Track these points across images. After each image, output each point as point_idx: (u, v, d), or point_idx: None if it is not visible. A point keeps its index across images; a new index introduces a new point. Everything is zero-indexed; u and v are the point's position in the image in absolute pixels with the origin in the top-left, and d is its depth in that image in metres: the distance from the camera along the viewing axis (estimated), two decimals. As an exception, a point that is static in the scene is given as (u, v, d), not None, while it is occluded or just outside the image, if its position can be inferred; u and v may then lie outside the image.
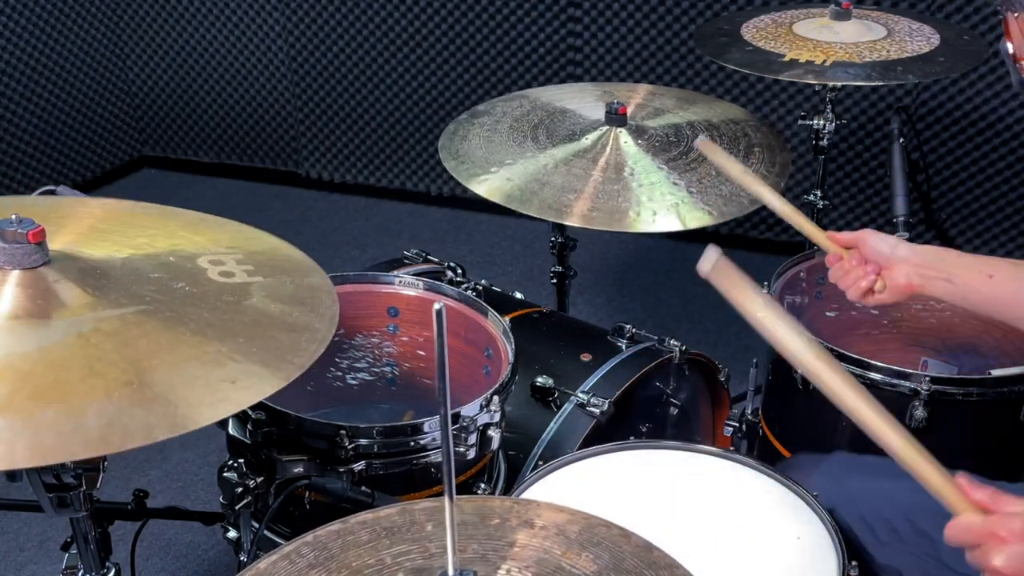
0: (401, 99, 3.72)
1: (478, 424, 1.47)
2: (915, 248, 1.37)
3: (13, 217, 1.16)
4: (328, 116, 3.86)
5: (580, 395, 1.75)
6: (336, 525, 0.95)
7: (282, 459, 1.42)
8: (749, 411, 1.95)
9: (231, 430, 1.50)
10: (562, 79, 3.46)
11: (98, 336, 1.11)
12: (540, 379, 1.77)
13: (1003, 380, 1.64)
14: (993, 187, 3.14)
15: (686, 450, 1.48)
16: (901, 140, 2.21)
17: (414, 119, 3.75)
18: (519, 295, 2.11)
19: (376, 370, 1.87)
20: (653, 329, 1.94)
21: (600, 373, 1.80)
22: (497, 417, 1.49)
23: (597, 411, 1.72)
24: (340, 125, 3.87)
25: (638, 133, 1.92)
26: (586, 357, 1.84)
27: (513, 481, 1.69)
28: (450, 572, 0.85)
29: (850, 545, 1.33)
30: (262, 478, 1.42)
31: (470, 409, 1.46)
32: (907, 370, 1.65)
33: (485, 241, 3.60)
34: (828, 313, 2.01)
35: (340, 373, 1.86)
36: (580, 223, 1.74)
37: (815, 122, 2.20)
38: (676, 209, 1.75)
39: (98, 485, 1.25)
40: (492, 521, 0.96)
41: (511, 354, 1.59)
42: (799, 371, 1.36)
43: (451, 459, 0.82)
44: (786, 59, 2.00)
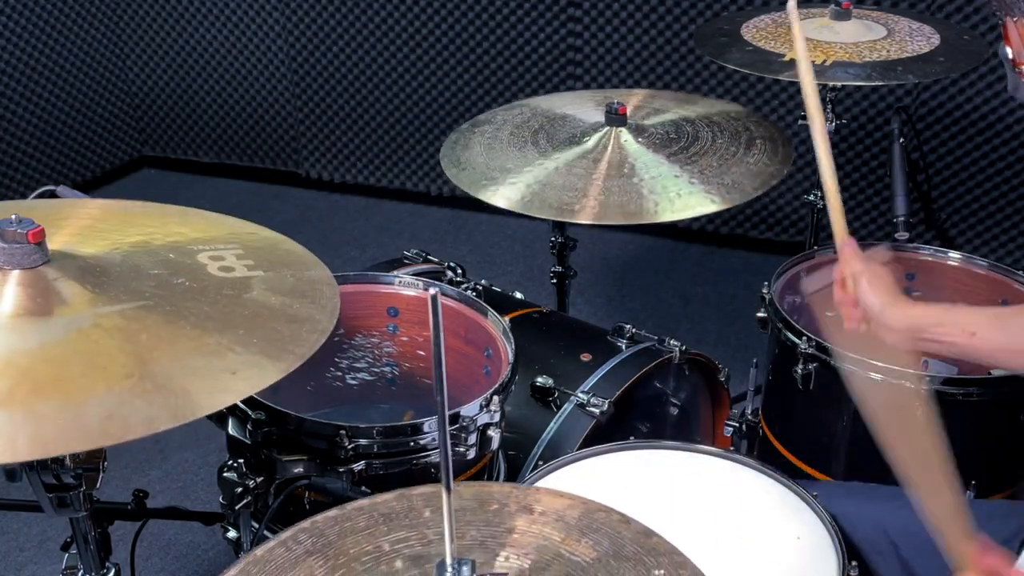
0: (401, 99, 3.72)
1: (478, 424, 1.46)
2: (897, 315, 1.35)
3: (13, 217, 1.16)
4: (328, 116, 3.86)
5: (580, 395, 1.75)
6: (334, 512, 0.94)
7: (282, 459, 1.42)
8: (749, 411, 1.95)
9: (231, 430, 1.50)
10: (562, 79, 3.46)
11: (98, 332, 1.11)
12: (540, 379, 1.77)
13: (1003, 380, 1.64)
14: (993, 187, 3.14)
15: (686, 450, 1.48)
16: (901, 140, 2.21)
17: (414, 119, 3.74)
18: (519, 295, 2.11)
19: (376, 370, 1.87)
20: (653, 329, 1.94)
21: (600, 373, 1.80)
22: (497, 417, 1.49)
23: (597, 411, 1.72)
24: (340, 125, 3.87)
25: (638, 132, 1.92)
26: (586, 357, 1.84)
27: (513, 481, 1.69)
28: (448, 562, 0.84)
29: (850, 544, 1.33)
30: (262, 478, 1.42)
31: (470, 409, 1.46)
32: (907, 370, 1.65)
33: (485, 241, 3.60)
34: (828, 313, 2.01)
35: (340, 373, 1.86)
36: (589, 220, 1.73)
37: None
38: (681, 198, 1.75)
39: (98, 485, 1.25)
40: (491, 507, 0.95)
41: (511, 354, 1.59)
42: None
43: (448, 450, 0.81)
44: (786, 59, 1.99)
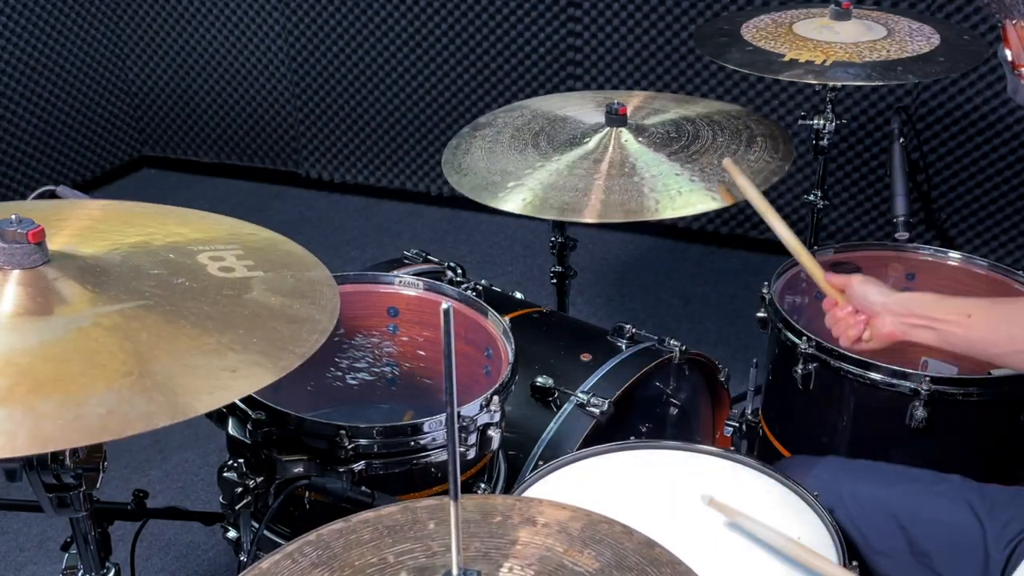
0: (401, 99, 3.72)
1: (478, 424, 1.46)
2: (898, 297, 1.43)
3: (13, 217, 1.16)
4: (328, 116, 3.86)
5: (580, 395, 1.75)
6: (339, 524, 0.95)
7: (282, 459, 1.42)
8: (749, 411, 1.95)
9: (231, 430, 1.50)
10: (562, 79, 3.46)
11: (98, 330, 1.11)
12: (540, 379, 1.77)
13: (1003, 380, 1.64)
14: (993, 187, 3.14)
15: (686, 450, 1.48)
16: (901, 140, 2.21)
17: (414, 119, 3.75)
18: (519, 295, 2.11)
19: (376, 370, 1.87)
20: (653, 329, 1.94)
21: (600, 373, 1.80)
22: (497, 417, 1.49)
23: (597, 411, 1.72)
24: (340, 125, 3.87)
25: (639, 131, 1.92)
26: (586, 357, 1.84)
27: (513, 481, 1.69)
28: (454, 573, 0.85)
29: (850, 545, 1.33)
30: (262, 478, 1.42)
31: (470, 409, 1.46)
32: (907, 370, 1.65)
33: (485, 241, 3.60)
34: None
35: (340, 373, 1.86)
36: (592, 219, 1.73)
37: (815, 122, 2.20)
38: (682, 196, 1.75)
39: (98, 485, 1.25)
40: (494, 519, 0.95)
41: (511, 354, 1.59)
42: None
43: (456, 459, 0.82)
44: (786, 59, 1.99)
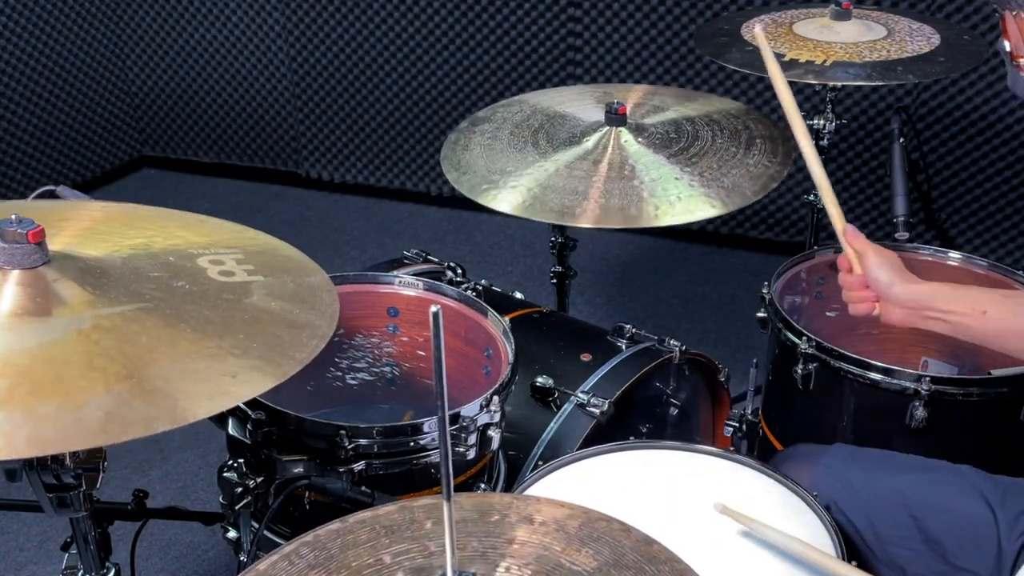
0: (401, 99, 3.72)
1: (478, 424, 1.46)
2: (908, 289, 1.36)
3: (13, 217, 1.16)
4: (328, 116, 3.86)
5: (580, 395, 1.75)
6: (335, 524, 0.95)
7: (282, 459, 1.42)
8: (749, 411, 1.95)
9: (231, 430, 1.50)
10: (562, 79, 3.46)
11: (98, 333, 1.11)
12: (540, 379, 1.77)
13: (1003, 380, 1.64)
14: (993, 187, 3.14)
15: (686, 450, 1.48)
16: (901, 140, 2.21)
17: (414, 119, 3.74)
18: (519, 295, 2.11)
19: (376, 370, 1.87)
20: (653, 329, 1.94)
21: (600, 373, 1.80)
22: (497, 417, 1.49)
23: (597, 411, 1.72)
24: (340, 125, 3.87)
25: (638, 131, 1.92)
26: (586, 357, 1.84)
27: (513, 481, 1.69)
28: (448, 574, 0.84)
29: (850, 545, 1.33)
30: (262, 478, 1.42)
31: (470, 409, 1.46)
32: (907, 370, 1.66)
33: (485, 241, 3.60)
34: (828, 313, 2.01)
35: (340, 373, 1.86)
36: (590, 224, 1.73)
37: (815, 122, 2.20)
38: (679, 203, 1.75)
39: (98, 485, 1.25)
40: (492, 517, 0.95)
41: (511, 354, 1.59)
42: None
43: (449, 462, 0.81)
44: (786, 59, 1.99)
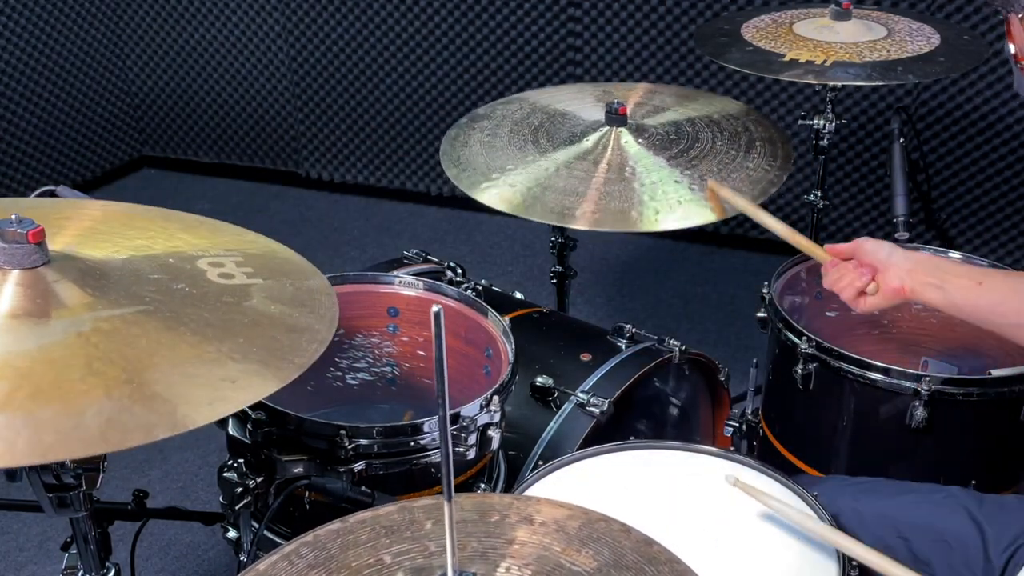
0: (401, 99, 3.72)
1: (478, 424, 1.46)
2: (910, 254, 1.40)
3: (13, 217, 1.16)
4: (328, 116, 3.86)
5: (580, 395, 1.75)
6: (335, 524, 0.95)
7: (282, 459, 1.42)
8: (749, 411, 1.95)
9: (231, 430, 1.50)
10: (562, 79, 3.46)
11: (97, 335, 1.11)
12: (540, 379, 1.77)
13: (1003, 380, 1.64)
14: (993, 187, 3.14)
15: (686, 450, 1.48)
16: (901, 140, 2.21)
17: (414, 119, 3.74)
18: (519, 295, 2.11)
19: (376, 370, 1.87)
20: (653, 329, 1.94)
21: (600, 373, 1.80)
22: (497, 417, 1.49)
23: (597, 411, 1.72)
24: (340, 125, 3.87)
25: (638, 132, 1.91)
26: (586, 357, 1.84)
27: (513, 481, 1.69)
28: (449, 574, 0.84)
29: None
30: (262, 478, 1.42)
31: (470, 409, 1.46)
32: (907, 370, 1.66)
33: (485, 241, 3.60)
34: (828, 313, 2.01)
35: (340, 373, 1.86)
36: (586, 226, 1.73)
37: (815, 122, 2.20)
38: (680, 207, 1.75)
39: (98, 485, 1.25)
40: (492, 518, 0.95)
41: (511, 354, 1.59)
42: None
43: (450, 461, 0.82)
44: (786, 59, 1.99)
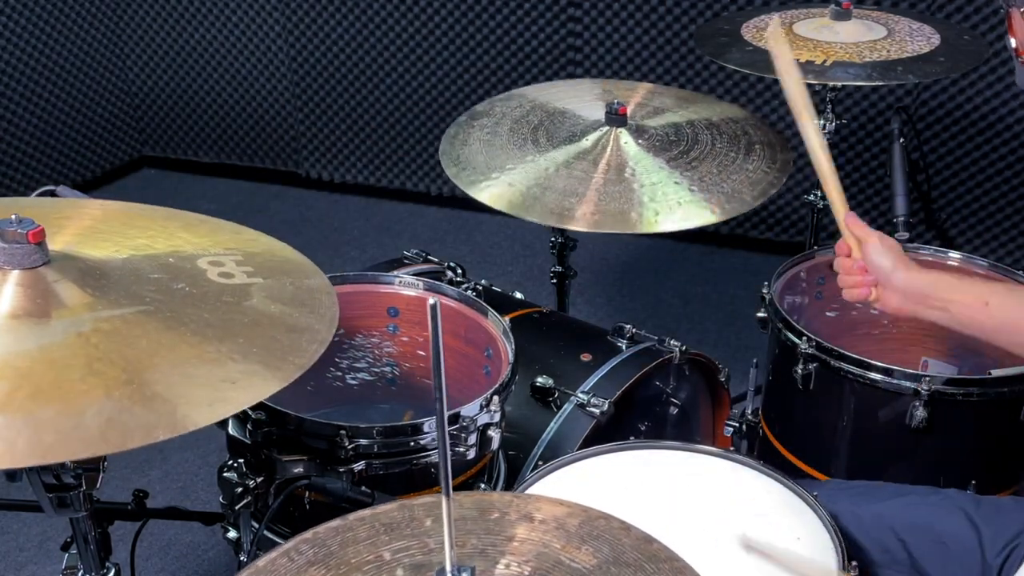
0: (401, 99, 3.72)
1: (478, 424, 1.46)
2: (911, 276, 1.36)
3: (13, 217, 1.16)
4: (328, 116, 3.86)
5: (580, 395, 1.75)
6: (335, 522, 0.95)
7: (282, 459, 1.42)
8: (749, 411, 1.95)
9: (231, 430, 1.50)
10: (563, 79, 3.46)
11: (98, 336, 1.11)
12: (540, 379, 1.77)
13: (1003, 380, 1.64)
14: (993, 187, 3.14)
15: (686, 450, 1.48)
16: (901, 140, 2.21)
17: (414, 119, 3.74)
18: (519, 295, 2.11)
19: (376, 370, 1.87)
20: (653, 329, 1.94)
21: (600, 373, 1.80)
22: (497, 417, 1.49)
23: (597, 411, 1.72)
24: (340, 125, 3.87)
25: (638, 133, 1.91)
26: (586, 357, 1.84)
27: (513, 481, 1.69)
28: (447, 569, 0.84)
29: (853, 545, 1.33)
30: (262, 478, 1.42)
31: (470, 409, 1.46)
32: (907, 370, 1.66)
33: (485, 241, 3.60)
34: (828, 313, 2.01)
35: (340, 373, 1.86)
36: (584, 227, 1.73)
37: (815, 122, 2.20)
38: (679, 208, 1.75)
39: (98, 485, 1.25)
40: (491, 515, 0.95)
41: (511, 354, 1.59)
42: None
43: (447, 454, 0.81)
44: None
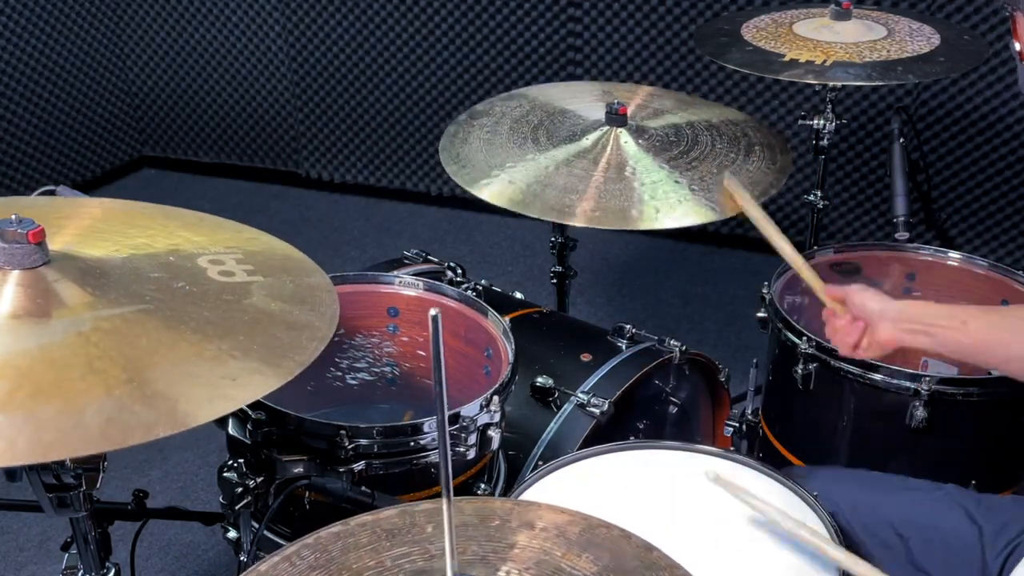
0: (401, 99, 3.72)
1: (478, 424, 1.46)
2: (897, 306, 1.43)
3: (13, 217, 1.16)
4: (328, 116, 3.86)
5: (580, 395, 1.75)
6: (337, 527, 0.95)
7: (282, 459, 1.42)
8: (749, 411, 1.95)
9: (231, 430, 1.50)
10: (562, 79, 3.46)
11: (98, 335, 1.11)
12: (540, 379, 1.77)
13: (1003, 380, 1.64)
14: (993, 187, 3.14)
15: (686, 450, 1.48)
16: (901, 140, 2.20)
17: (414, 119, 3.75)
18: (519, 295, 2.11)
19: (376, 370, 1.87)
20: (653, 329, 1.94)
21: (600, 373, 1.80)
22: (497, 417, 1.49)
23: (597, 411, 1.72)
24: (340, 125, 3.87)
25: (638, 133, 1.91)
26: (586, 357, 1.84)
27: (513, 481, 1.69)
28: (448, 574, 0.85)
29: (850, 544, 1.33)
30: (262, 478, 1.42)
31: (470, 409, 1.46)
32: (907, 370, 1.66)
33: (485, 241, 3.60)
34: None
35: (340, 373, 1.86)
36: (584, 223, 1.73)
37: (815, 122, 2.20)
38: (679, 207, 1.75)
39: (98, 485, 1.25)
40: (492, 522, 0.96)
41: (511, 354, 1.59)
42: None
43: (448, 463, 0.82)
44: (786, 59, 1.99)
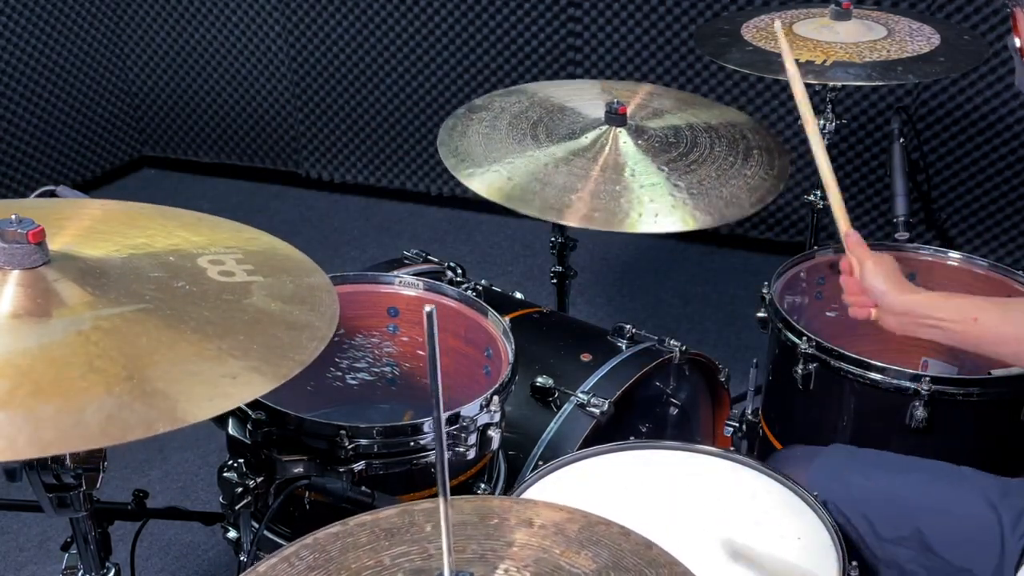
0: (401, 99, 3.72)
1: (478, 424, 1.46)
2: (903, 299, 1.38)
3: (13, 217, 1.16)
4: (328, 116, 3.86)
5: (580, 395, 1.75)
6: (335, 527, 0.95)
7: (282, 459, 1.42)
8: (749, 411, 1.95)
9: (231, 430, 1.50)
10: (562, 79, 3.46)
11: (98, 334, 1.11)
12: (540, 379, 1.77)
13: (1003, 380, 1.64)
14: (993, 187, 3.14)
15: (686, 450, 1.48)
16: (901, 140, 2.21)
17: (414, 119, 3.74)
18: (519, 295, 2.11)
19: (376, 370, 1.87)
20: (653, 329, 1.94)
21: (600, 373, 1.80)
22: (497, 417, 1.49)
23: (597, 411, 1.71)
24: (340, 125, 3.87)
25: (638, 133, 1.91)
26: (586, 357, 1.84)
27: (513, 481, 1.69)
28: (446, 573, 0.85)
29: (849, 544, 1.34)
30: (262, 478, 1.42)
31: (470, 409, 1.46)
32: (907, 370, 1.66)
33: (485, 241, 3.60)
34: (828, 313, 2.01)
35: (340, 373, 1.86)
36: (580, 223, 1.73)
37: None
38: (677, 211, 1.75)
39: (98, 485, 1.25)
40: (491, 521, 0.96)
41: (511, 354, 1.59)
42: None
43: (444, 462, 0.82)
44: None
